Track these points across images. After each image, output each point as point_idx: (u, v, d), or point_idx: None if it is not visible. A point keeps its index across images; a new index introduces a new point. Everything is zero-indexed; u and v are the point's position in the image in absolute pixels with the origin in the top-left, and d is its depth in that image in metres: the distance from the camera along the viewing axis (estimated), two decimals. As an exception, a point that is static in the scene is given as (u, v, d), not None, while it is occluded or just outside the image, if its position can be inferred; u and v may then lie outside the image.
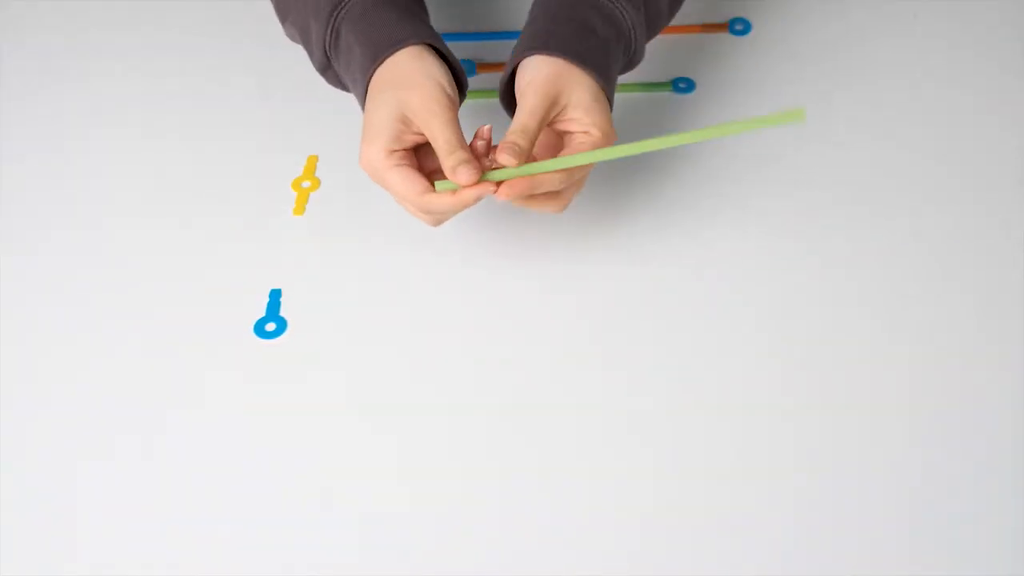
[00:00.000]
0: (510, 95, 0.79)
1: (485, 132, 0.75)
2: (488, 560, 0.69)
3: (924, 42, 0.98)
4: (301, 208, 0.86)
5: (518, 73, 0.76)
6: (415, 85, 0.74)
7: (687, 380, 0.76)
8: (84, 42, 1.01)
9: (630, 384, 0.76)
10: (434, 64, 0.75)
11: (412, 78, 0.74)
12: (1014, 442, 0.73)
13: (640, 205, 0.85)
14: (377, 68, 0.75)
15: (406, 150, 0.75)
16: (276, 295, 0.82)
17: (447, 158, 0.72)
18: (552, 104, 0.74)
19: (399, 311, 0.81)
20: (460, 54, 0.98)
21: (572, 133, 0.75)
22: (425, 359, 0.78)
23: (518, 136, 0.72)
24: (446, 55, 0.77)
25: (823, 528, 0.70)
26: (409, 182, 0.73)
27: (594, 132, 0.74)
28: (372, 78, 0.76)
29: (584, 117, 0.74)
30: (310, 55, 0.81)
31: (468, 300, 0.81)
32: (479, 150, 0.74)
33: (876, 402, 0.75)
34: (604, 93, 0.76)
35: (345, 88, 0.82)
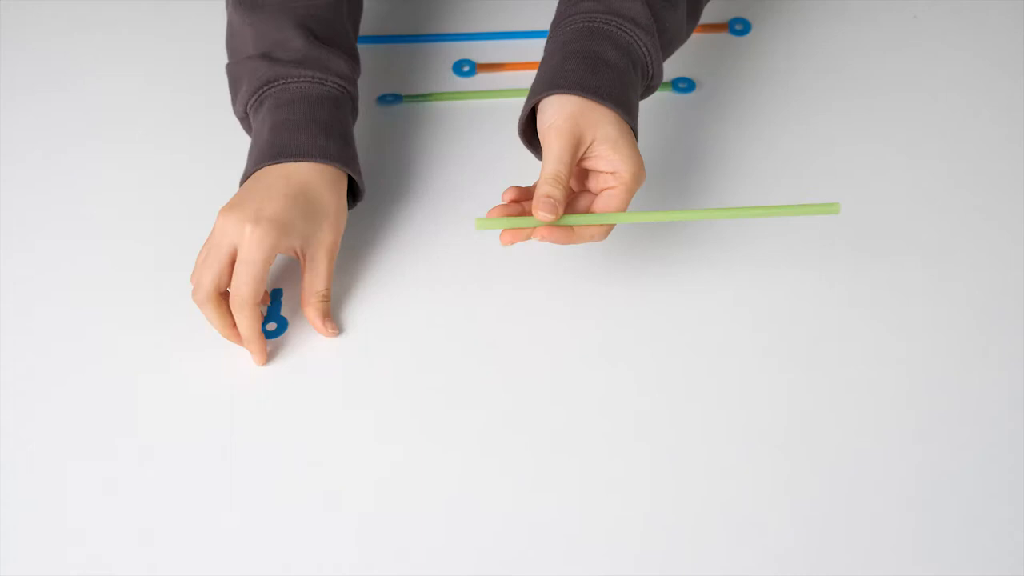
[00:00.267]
0: (531, 131, 0.79)
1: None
2: (488, 560, 0.69)
3: (924, 43, 0.98)
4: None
5: (539, 113, 0.76)
6: (331, 220, 0.79)
7: (687, 380, 0.76)
8: (84, 43, 1.01)
9: (632, 385, 0.76)
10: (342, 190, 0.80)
11: (328, 206, 0.79)
12: (1012, 442, 0.73)
13: (639, 206, 0.85)
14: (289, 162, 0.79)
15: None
16: (277, 295, 0.82)
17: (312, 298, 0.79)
18: (577, 145, 0.73)
19: (399, 311, 0.81)
20: (460, 54, 0.98)
21: (600, 174, 0.75)
22: (425, 359, 0.78)
23: (551, 187, 0.72)
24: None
25: (823, 528, 0.70)
26: (262, 285, 0.76)
27: (623, 173, 0.74)
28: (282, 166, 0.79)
29: (611, 154, 0.74)
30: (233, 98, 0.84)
31: (469, 300, 0.81)
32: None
33: (876, 402, 0.75)
34: (627, 125, 0.75)
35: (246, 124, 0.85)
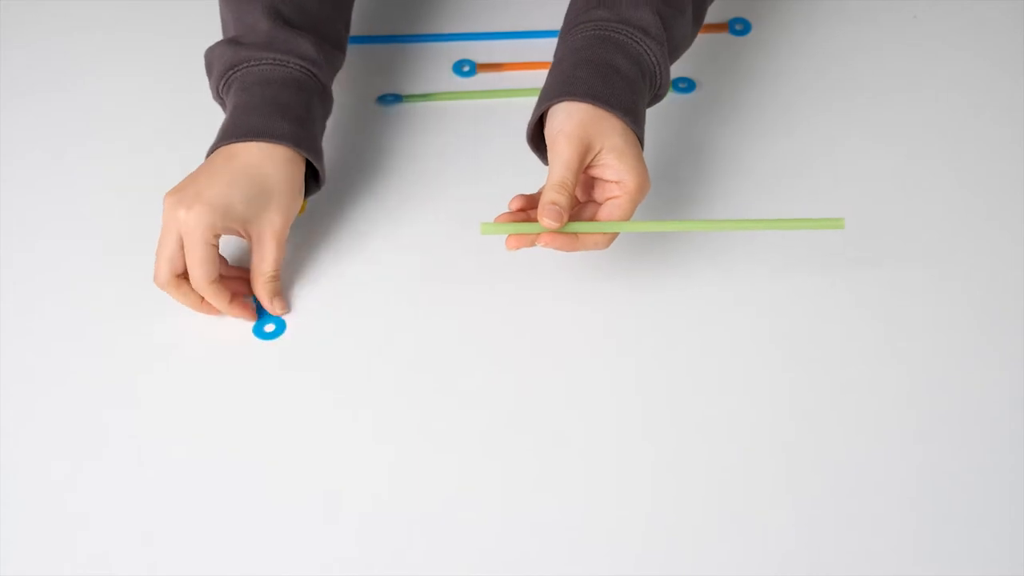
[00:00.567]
0: (538, 136, 0.79)
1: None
2: (489, 560, 0.69)
3: (924, 43, 0.98)
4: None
5: (548, 119, 0.76)
6: (278, 202, 0.79)
7: (688, 381, 0.76)
8: (84, 43, 1.01)
9: (633, 386, 0.76)
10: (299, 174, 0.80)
11: (276, 187, 0.79)
12: (1012, 442, 0.73)
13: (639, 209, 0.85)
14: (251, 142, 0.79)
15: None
16: (276, 295, 0.82)
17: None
18: (586, 152, 0.74)
19: (399, 312, 0.81)
20: (460, 54, 0.98)
21: (606, 183, 0.76)
22: (426, 359, 0.78)
23: (556, 193, 0.73)
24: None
25: (825, 527, 0.70)
26: (212, 264, 0.77)
27: (628, 183, 0.74)
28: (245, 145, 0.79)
29: (617, 164, 0.74)
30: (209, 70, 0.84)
31: (469, 301, 0.81)
32: None
33: (878, 402, 0.75)
34: (634, 135, 0.76)
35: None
